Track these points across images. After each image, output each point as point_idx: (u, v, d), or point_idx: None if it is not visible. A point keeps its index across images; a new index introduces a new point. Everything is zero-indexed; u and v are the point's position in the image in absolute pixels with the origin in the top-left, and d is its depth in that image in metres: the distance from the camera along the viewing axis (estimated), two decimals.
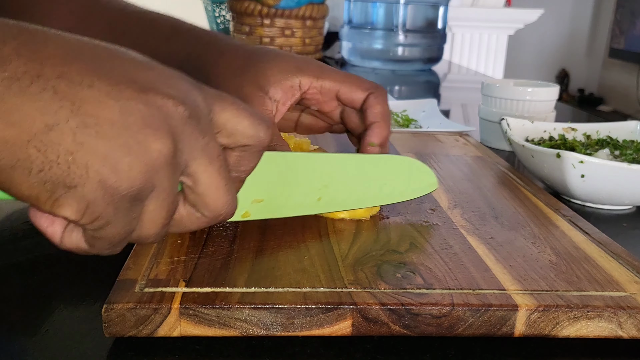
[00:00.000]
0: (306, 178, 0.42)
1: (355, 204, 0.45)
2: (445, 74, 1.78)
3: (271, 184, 0.40)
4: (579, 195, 0.58)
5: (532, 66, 4.44)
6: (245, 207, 0.39)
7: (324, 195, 0.43)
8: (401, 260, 0.39)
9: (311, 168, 0.42)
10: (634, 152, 0.62)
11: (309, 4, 1.43)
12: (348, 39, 1.70)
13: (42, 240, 0.46)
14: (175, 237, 0.41)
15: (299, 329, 0.33)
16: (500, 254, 0.40)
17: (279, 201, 0.41)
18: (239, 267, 0.37)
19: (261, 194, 0.40)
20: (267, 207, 0.41)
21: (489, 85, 0.81)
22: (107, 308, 0.32)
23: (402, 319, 0.33)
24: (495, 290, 0.35)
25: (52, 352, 0.32)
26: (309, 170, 0.42)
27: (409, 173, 0.47)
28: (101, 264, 0.43)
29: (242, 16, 1.43)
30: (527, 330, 0.34)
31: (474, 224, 0.46)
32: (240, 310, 0.32)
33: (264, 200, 0.40)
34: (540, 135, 0.68)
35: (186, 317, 0.32)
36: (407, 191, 0.47)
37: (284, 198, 0.41)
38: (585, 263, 0.40)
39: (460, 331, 0.34)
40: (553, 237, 0.44)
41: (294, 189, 0.42)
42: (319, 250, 0.40)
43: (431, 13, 1.67)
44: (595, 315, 0.34)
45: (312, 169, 0.42)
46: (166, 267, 0.36)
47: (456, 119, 1.01)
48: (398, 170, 0.47)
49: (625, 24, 4.05)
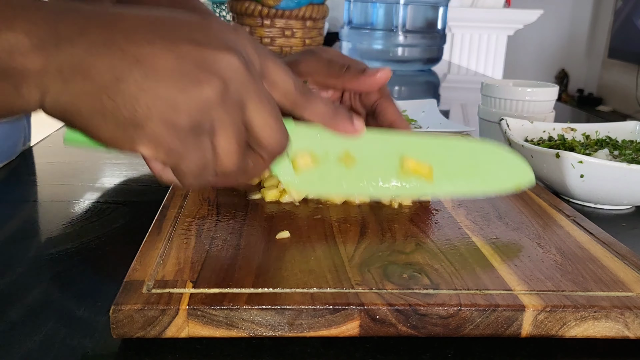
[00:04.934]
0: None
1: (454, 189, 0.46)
2: (445, 74, 1.78)
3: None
4: (578, 195, 0.58)
5: (532, 66, 4.44)
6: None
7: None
8: (407, 260, 0.39)
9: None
10: (633, 152, 0.62)
11: (309, 5, 1.43)
12: (348, 39, 1.70)
13: (44, 240, 0.46)
14: (182, 238, 0.41)
15: (306, 330, 0.33)
16: (506, 254, 0.41)
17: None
18: (245, 268, 0.37)
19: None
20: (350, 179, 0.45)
21: (489, 86, 0.81)
22: (114, 309, 0.32)
23: (409, 320, 0.33)
24: (502, 290, 0.35)
25: (56, 352, 0.32)
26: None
27: (505, 166, 0.47)
28: (107, 264, 0.43)
29: (243, 17, 1.43)
30: (535, 331, 0.34)
31: (478, 224, 0.46)
32: (247, 311, 0.32)
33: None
34: (539, 136, 0.68)
35: (194, 318, 0.32)
36: (501, 185, 0.48)
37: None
38: (591, 263, 0.40)
39: (467, 332, 0.34)
40: (557, 238, 0.44)
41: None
42: (325, 250, 0.40)
43: (431, 13, 1.67)
44: (602, 316, 0.34)
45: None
46: (173, 268, 0.36)
47: (456, 119, 1.02)
48: (495, 162, 0.47)
49: (624, 24, 4.06)
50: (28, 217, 0.53)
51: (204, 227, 0.43)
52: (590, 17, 4.49)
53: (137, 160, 0.67)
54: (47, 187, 0.61)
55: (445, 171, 0.46)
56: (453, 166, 0.46)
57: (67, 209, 0.53)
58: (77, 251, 0.44)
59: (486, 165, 0.47)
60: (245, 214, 0.46)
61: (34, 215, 0.53)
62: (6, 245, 0.47)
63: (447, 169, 0.46)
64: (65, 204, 0.54)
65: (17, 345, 0.33)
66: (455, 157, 0.46)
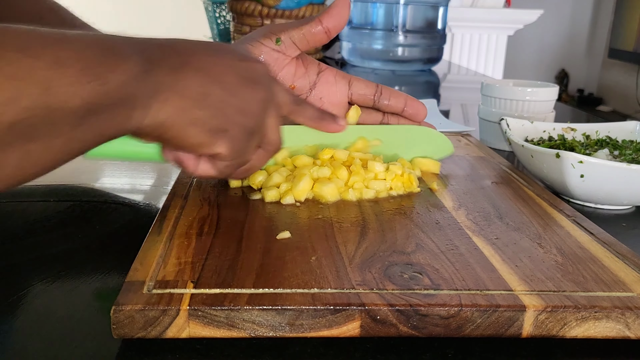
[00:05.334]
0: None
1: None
2: (445, 74, 1.78)
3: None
4: (578, 195, 0.58)
5: (532, 66, 4.44)
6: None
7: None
8: (408, 261, 0.39)
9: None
10: (633, 152, 0.62)
11: (309, 5, 1.43)
12: (348, 39, 1.70)
13: (43, 240, 0.46)
14: (182, 239, 0.41)
15: (307, 330, 0.33)
16: (506, 254, 0.41)
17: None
18: (246, 268, 0.37)
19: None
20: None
21: (489, 86, 0.81)
22: (115, 309, 0.32)
23: (410, 320, 0.33)
24: (503, 291, 0.35)
25: (56, 352, 0.32)
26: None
27: (428, 140, 0.61)
28: (107, 264, 0.43)
29: (243, 17, 1.43)
30: (535, 331, 0.34)
31: (479, 224, 0.46)
32: (248, 311, 0.32)
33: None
34: (539, 136, 0.68)
35: (195, 318, 0.32)
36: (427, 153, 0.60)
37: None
38: (591, 263, 0.40)
39: (468, 332, 0.34)
40: (558, 238, 0.44)
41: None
42: (325, 250, 0.40)
43: (431, 13, 1.67)
44: (603, 316, 0.34)
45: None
46: (174, 268, 0.36)
47: (456, 119, 1.02)
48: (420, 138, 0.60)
49: (624, 24, 4.06)
50: (28, 217, 0.53)
51: (204, 227, 0.43)
52: (590, 17, 4.49)
53: (137, 161, 0.67)
54: (47, 187, 0.61)
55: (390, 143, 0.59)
56: (395, 140, 0.59)
57: (67, 208, 0.53)
58: (77, 251, 0.44)
59: (418, 140, 0.60)
60: (245, 214, 0.46)
61: (33, 215, 0.53)
62: (6, 244, 0.47)
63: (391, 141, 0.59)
64: (65, 204, 0.54)
65: (17, 346, 0.33)
66: (396, 135, 0.59)
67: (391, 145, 0.58)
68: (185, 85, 0.37)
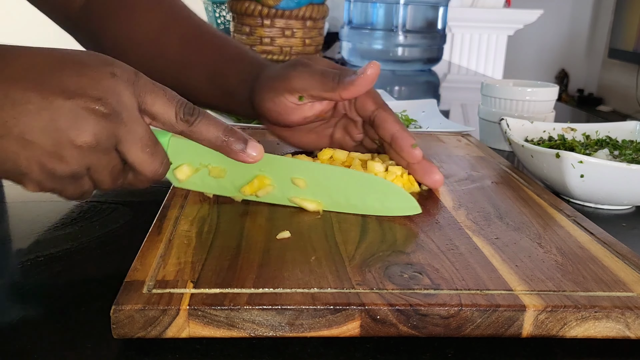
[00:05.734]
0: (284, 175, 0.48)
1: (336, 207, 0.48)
2: (445, 74, 1.78)
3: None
4: (578, 195, 0.58)
5: (532, 66, 4.44)
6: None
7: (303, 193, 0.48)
8: (408, 261, 0.39)
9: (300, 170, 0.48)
10: (633, 152, 0.62)
11: (309, 5, 1.42)
12: (348, 39, 1.70)
13: (43, 241, 0.46)
14: (182, 239, 0.41)
15: (307, 330, 0.33)
16: (507, 254, 0.41)
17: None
18: (246, 268, 0.37)
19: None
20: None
21: (489, 86, 0.81)
22: (115, 309, 0.32)
23: (410, 320, 0.33)
24: (503, 290, 0.35)
25: (56, 353, 0.32)
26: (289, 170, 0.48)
27: (390, 195, 0.47)
28: (107, 264, 0.43)
29: (243, 16, 1.43)
30: (535, 331, 0.34)
31: (479, 224, 0.46)
32: (248, 311, 0.32)
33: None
34: (539, 136, 0.68)
35: (195, 318, 0.32)
36: (386, 209, 0.47)
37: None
38: (591, 263, 0.40)
39: (468, 332, 0.34)
40: (558, 238, 0.44)
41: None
42: (325, 250, 0.40)
43: (431, 13, 1.67)
44: (603, 316, 0.34)
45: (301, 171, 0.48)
46: (173, 268, 0.36)
47: (456, 119, 1.01)
48: (381, 190, 0.47)
49: (624, 24, 4.06)
50: (28, 216, 0.53)
51: (204, 227, 0.43)
52: (590, 17, 4.49)
53: None
54: None
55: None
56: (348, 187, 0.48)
57: (67, 209, 0.53)
58: (77, 251, 0.44)
59: (378, 193, 0.47)
60: (245, 214, 0.46)
61: (33, 215, 0.53)
62: (6, 244, 0.47)
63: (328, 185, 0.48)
64: (65, 204, 0.54)
65: (17, 346, 0.33)
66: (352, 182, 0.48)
67: (342, 191, 0.47)
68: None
